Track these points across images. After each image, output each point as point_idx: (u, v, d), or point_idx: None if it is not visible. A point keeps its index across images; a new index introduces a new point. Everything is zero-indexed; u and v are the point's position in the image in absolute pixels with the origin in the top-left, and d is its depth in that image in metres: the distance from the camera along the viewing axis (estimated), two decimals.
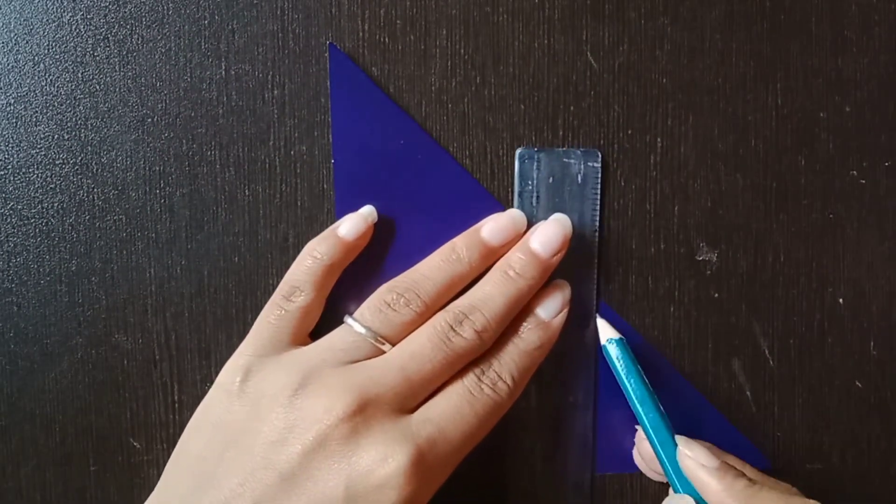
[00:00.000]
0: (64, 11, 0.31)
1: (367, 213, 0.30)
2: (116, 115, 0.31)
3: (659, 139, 0.32)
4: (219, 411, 0.28)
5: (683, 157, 0.32)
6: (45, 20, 0.31)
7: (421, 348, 0.27)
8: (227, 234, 0.31)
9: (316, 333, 0.29)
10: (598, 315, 0.31)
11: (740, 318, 0.32)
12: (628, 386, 0.30)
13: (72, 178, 0.31)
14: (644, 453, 0.31)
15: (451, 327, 0.28)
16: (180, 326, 0.31)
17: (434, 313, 0.29)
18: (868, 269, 0.33)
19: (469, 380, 0.28)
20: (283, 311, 0.29)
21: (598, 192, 0.31)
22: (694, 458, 0.28)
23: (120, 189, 0.31)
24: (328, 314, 0.30)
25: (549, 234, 0.29)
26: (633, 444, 0.32)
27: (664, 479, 0.30)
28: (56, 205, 0.31)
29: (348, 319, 0.28)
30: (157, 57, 0.31)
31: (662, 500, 0.29)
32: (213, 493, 0.26)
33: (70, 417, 0.31)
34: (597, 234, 0.32)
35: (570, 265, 0.31)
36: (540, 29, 0.31)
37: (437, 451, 0.26)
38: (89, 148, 0.31)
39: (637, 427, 0.31)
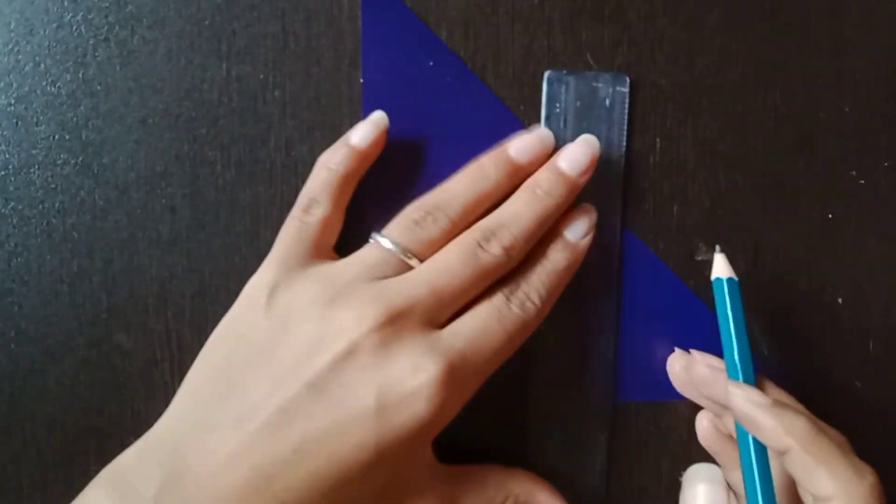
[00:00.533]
0: (64, 11, 0.31)
1: (378, 118, 0.30)
2: (118, 116, 0.31)
3: (659, 139, 0.32)
4: (245, 324, 0.27)
5: (683, 157, 0.32)
6: (45, 20, 0.31)
7: (449, 264, 0.27)
8: (229, 235, 0.31)
9: (346, 254, 0.29)
10: (717, 248, 0.30)
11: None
12: (731, 333, 0.29)
13: (73, 178, 0.31)
14: (697, 376, 0.30)
15: (479, 244, 0.28)
16: (181, 326, 0.31)
17: (462, 231, 0.28)
18: (868, 269, 0.33)
19: (498, 298, 0.28)
20: (302, 224, 0.29)
21: (626, 116, 0.31)
22: (746, 395, 0.27)
23: (121, 189, 0.31)
24: (359, 237, 0.29)
25: (577, 153, 0.29)
26: (659, 369, 0.32)
27: (700, 402, 0.30)
28: (57, 205, 0.31)
29: (376, 236, 0.28)
30: (158, 57, 0.31)
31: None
32: (237, 400, 0.25)
33: (71, 417, 0.31)
34: (623, 158, 0.31)
35: (596, 189, 0.31)
36: (540, 29, 0.32)
37: (466, 364, 0.26)
38: (90, 148, 0.31)
39: (685, 351, 0.31)
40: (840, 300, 0.33)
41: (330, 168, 0.29)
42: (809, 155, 0.33)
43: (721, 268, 0.30)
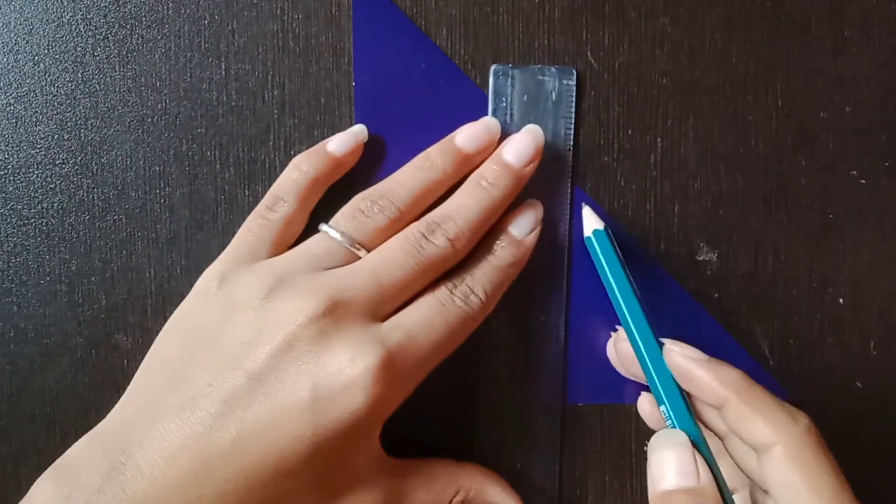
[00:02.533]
0: (64, 11, 0.31)
1: (358, 131, 0.30)
2: (116, 115, 0.31)
3: (659, 139, 0.32)
4: (193, 315, 0.28)
5: (683, 157, 0.32)
6: (45, 20, 0.31)
7: (393, 255, 0.27)
8: (227, 235, 0.31)
9: None
10: (584, 205, 0.31)
11: (740, 318, 0.32)
12: (611, 280, 0.29)
13: (72, 178, 0.31)
14: (622, 353, 0.30)
15: (424, 235, 0.28)
16: None
17: (410, 220, 0.29)
18: (868, 269, 0.33)
19: (441, 292, 0.28)
20: (265, 221, 0.29)
21: (573, 109, 0.31)
22: (682, 352, 0.27)
23: (120, 189, 0.31)
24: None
25: (522, 144, 0.29)
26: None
27: (638, 380, 0.30)
28: (56, 205, 0.31)
29: (323, 226, 0.28)
30: (156, 57, 0.31)
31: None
32: (181, 391, 0.25)
33: (70, 417, 0.31)
34: (570, 151, 0.31)
35: (543, 183, 0.31)
36: (540, 29, 0.31)
37: (405, 356, 0.26)
38: (89, 148, 0.31)
39: (617, 327, 0.31)
40: (840, 300, 0.33)
41: (301, 169, 0.29)
42: (809, 155, 0.32)
43: (591, 222, 0.30)
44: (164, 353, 0.28)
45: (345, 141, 0.30)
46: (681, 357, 0.27)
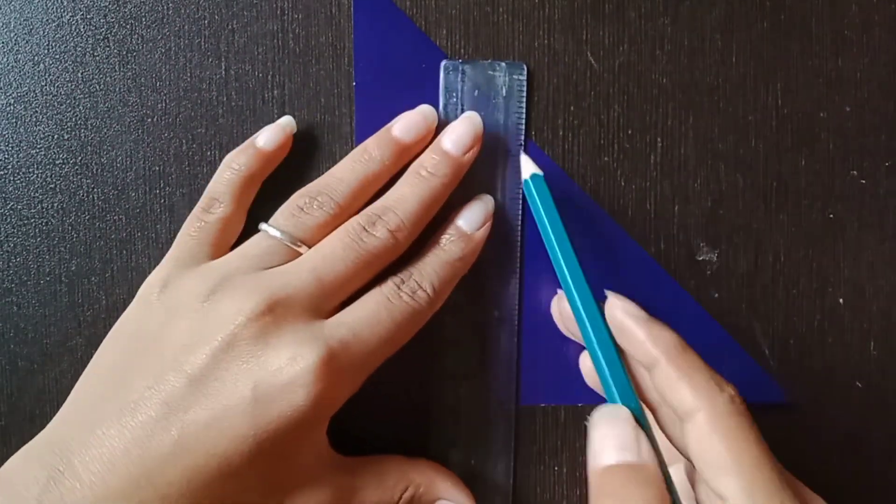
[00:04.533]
0: (64, 11, 0.31)
1: (286, 123, 0.30)
2: (116, 115, 0.31)
3: (659, 139, 0.32)
4: (134, 322, 0.28)
5: (683, 157, 0.32)
6: (45, 20, 0.31)
7: (333, 250, 0.27)
8: None
9: None
10: (522, 152, 0.30)
11: (740, 318, 0.32)
12: (547, 226, 0.28)
13: (71, 178, 0.31)
14: (563, 311, 0.30)
15: (364, 228, 0.27)
16: None
17: (351, 215, 0.28)
18: (868, 269, 0.33)
19: (388, 287, 0.27)
20: (202, 224, 0.29)
21: (524, 104, 0.31)
22: (623, 307, 0.27)
23: (120, 189, 0.31)
24: None
25: (460, 131, 0.29)
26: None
27: (580, 341, 0.29)
28: (56, 205, 0.31)
29: (263, 225, 0.28)
30: (156, 57, 0.31)
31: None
32: (121, 396, 0.25)
33: None
34: (522, 146, 0.31)
35: (494, 180, 0.31)
36: (540, 29, 0.31)
37: (349, 353, 0.26)
38: (89, 148, 0.31)
39: (559, 289, 0.30)
40: (840, 300, 0.33)
41: (233, 168, 0.29)
42: (810, 155, 0.32)
43: (528, 167, 0.30)
44: (105, 360, 0.27)
45: (273, 135, 0.30)
46: (621, 312, 0.27)
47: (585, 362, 0.31)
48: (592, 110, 0.32)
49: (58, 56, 0.31)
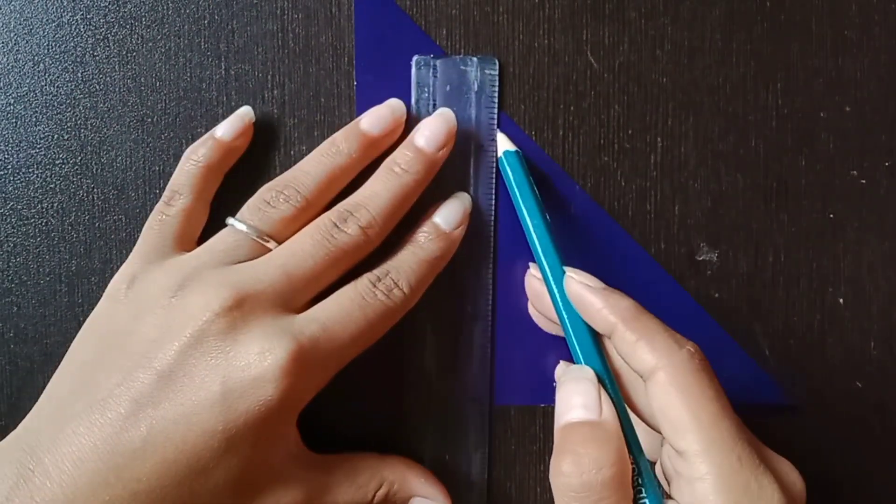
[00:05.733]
0: (64, 11, 0.31)
1: (244, 112, 0.30)
2: (116, 115, 0.31)
3: (659, 139, 0.32)
4: (104, 319, 0.28)
5: (683, 157, 0.32)
6: (44, 20, 0.31)
7: (303, 245, 0.27)
8: None
9: None
10: (498, 130, 0.31)
11: (740, 318, 0.32)
12: (521, 204, 0.29)
13: (71, 178, 0.31)
14: (533, 290, 0.30)
15: (335, 224, 0.27)
16: None
17: (319, 209, 0.28)
18: (868, 269, 0.33)
19: (363, 284, 0.27)
20: (164, 217, 0.29)
21: (496, 99, 0.31)
22: (579, 279, 0.27)
23: (119, 189, 0.31)
24: None
25: (433, 128, 0.29)
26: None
27: (550, 318, 0.30)
28: (56, 205, 0.31)
29: (230, 220, 0.28)
30: (156, 57, 0.31)
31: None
32: (91, 393, 0.25)
33: None
34: (495, 143, 0.31)
35: (467, 175, 0.31)
36: (540, 29, 0.31)
37: (319, 349, 0.26)
38: (89, 148, 0.31)
39: (531, 264, 0.31)
40: (840, 300, 0.33)
41: (192, 160, 0.29)
42: (810, 155, 0.32)
43: (504, 144, 0.30)
44: (76, 358, 0.27)
45: (231, 125, 0.30)
46: (577, 284, 0.27)
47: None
48: (592, 110, 0.32)
49: (58, 56, 0.31)
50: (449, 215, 0.30)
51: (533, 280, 0.30)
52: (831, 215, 0.33)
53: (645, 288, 0.32)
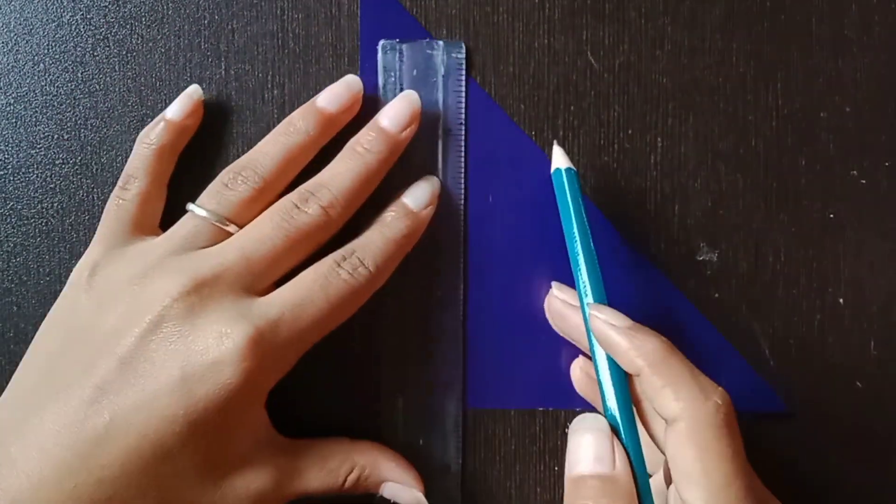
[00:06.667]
0: (64, 11, 0.31)
1: (193, 91, 0.30)
2: (116, 115, 0.31)
3: (659, 139, 0.32)
4: (68, 308, 0.28)
5: (683, 157, 0.32)
6: (44, 20, 0.31)
7: (262, 228, 0.27)
8: None
9: None
10: (555, 142, 0.30)
11: (740, 318, 0.32)
12: (573, 224, 0.28)
13: (71, 178, 0.31)
14: (553, 309, 0.30)
15: (296, 205, 0.27)
16: None
17: (280, 190, 0.28)
18: (868, 269, 0.33)
19: (325, 264, 0.27)
20: (121, 201, 0.29)
21: (463, 83, 0.31)
22: (604, 318, 0.26)
23: None
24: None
25: (397, 109, 0.29)
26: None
27: (569, 339, 0.30)
28: (56, 205, 0.31)
29: (189, 205, 0.28)
30: (156, 57, 0.31)
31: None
32: (56, 382, 0.25)
33: None
34: (463, 127, 0.31)
35: (435, 159, 0.31)
36: (540, 29, 0.31)
37: (280, 332, 0.26)
38: (89, 148, 0.31)
39: (553, 283, 0.31)
40: (840, 300, 0.33)
41: (145, 143, 0.29)
42: (810, 155, 0.32)
43: (560, 159, 0.29)
44: (40, 348, 0.27)
45: (181, 105, 0.29)
46: (601, 323, 0.26)
47: (575, 370, 0.31)
48: (592, 110, 0.32)
49: (58, 56, 0.31)
50: (417, 195, 0.29)
51: (554, 301, 0.30)
52: (831, 215, 0.33)
53: (644, 292, 0.32)
